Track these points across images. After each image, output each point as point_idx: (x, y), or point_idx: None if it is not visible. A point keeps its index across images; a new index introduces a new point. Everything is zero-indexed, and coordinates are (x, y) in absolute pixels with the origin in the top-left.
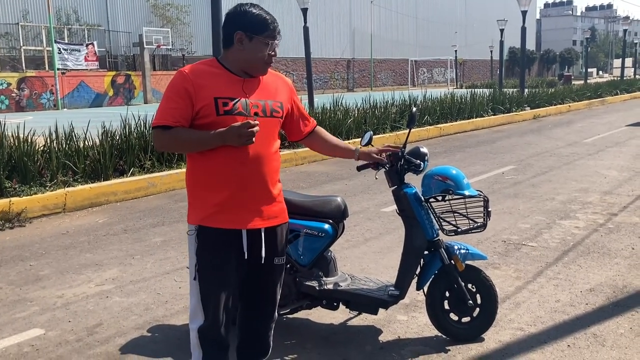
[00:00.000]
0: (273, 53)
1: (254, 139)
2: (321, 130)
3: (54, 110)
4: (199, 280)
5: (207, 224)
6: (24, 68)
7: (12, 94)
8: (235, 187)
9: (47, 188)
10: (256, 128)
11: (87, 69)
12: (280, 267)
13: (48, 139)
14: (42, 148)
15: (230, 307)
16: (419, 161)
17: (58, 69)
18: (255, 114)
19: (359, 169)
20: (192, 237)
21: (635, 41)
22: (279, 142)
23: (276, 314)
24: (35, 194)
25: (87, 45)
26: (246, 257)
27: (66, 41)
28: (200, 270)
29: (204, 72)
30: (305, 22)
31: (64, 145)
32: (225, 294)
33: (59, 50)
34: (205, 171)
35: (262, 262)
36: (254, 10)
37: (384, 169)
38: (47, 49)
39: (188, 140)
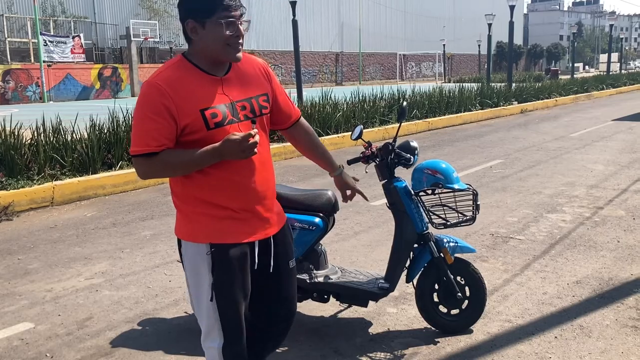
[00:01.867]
0: (233, 33)
1: (256, 149)
2: (306, 124)
3: (40, 102)
4: (217, 300)
5: (220, 240)
6: (9, 60)
7: None
8: (244, 198)
9: (34, 181)
10: (257, 138)
11: (73, 62)
12: (294, 270)
13: (35, 132)
14: (29, 141)
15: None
16: (409, 155)
17: (44, 61)
18: (245, 116)
19: (349, 162)
20: (207, 256)
21: (621, 36)
22: (268, 139)
23: (292, 321)
24: (23, 187)
25: (73, 38)
26: (256, 267)
27: (52, 33)
28: (218, 289)
29: (179, 80)
30: (293, 15)
31: (51, 139)
32: (244, 307)
33: (45, 42)
34: (207, 188)
35: (273, 267)
36: None
37: (374, 163)
38: (33, 40)
39: (180, 164)
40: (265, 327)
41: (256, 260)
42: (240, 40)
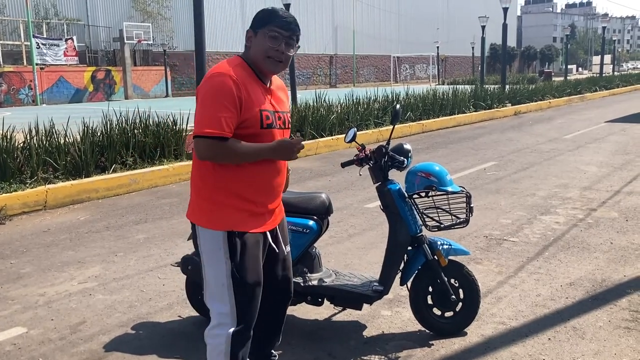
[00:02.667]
0: (276, 47)
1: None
2: None
3: (33, 105)
4: (236, 286)
5: (240, 228)
6: (2, 63)
7: None
8: (267, 195)
9: (27, 185)
10: (303, 144)
11: (66, 64)
12: (290, 255)
13: (28, 135)
14: (21, 144)
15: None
16: (402, 158)
17: (37, 64)
18: (279, 126)
19: (343, 165)
20: (222, 243)
21: (614, 38)
22: None
23: (292, 296)
24: (15, 191)
25: (66, 40)
26: (277, 252)
27: (45, 36)
28: (237, 276)
29: (246, 79)
30: None
31: (44, 142)
32: (259, 296)
33: (38, 45)
34: (239, 178)
35: (277, 252)
36: (268, 8)
37: (368, 166)
38: (25, 43)
39: (242, 152)
40: (269, 319)
41: (273, 248)
42: (282, 58)
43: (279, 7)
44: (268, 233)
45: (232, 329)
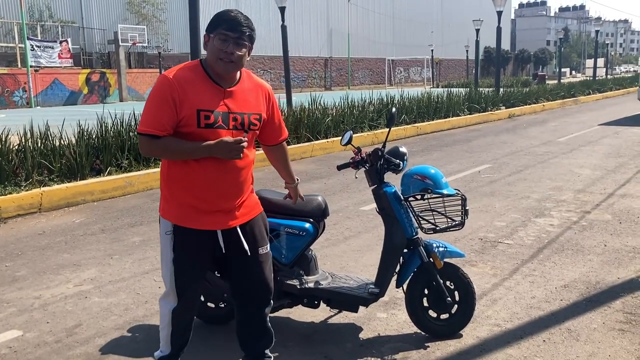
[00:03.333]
0: (224, 49)
1: (242, 154)
2: (285, 145)
3: (27, 108)
4: (175, 274)
5: (183, 224)
6: None
7: None
8: (213, 194)
9: (22, 187)
10: (245, 144)
11: (61, 67)
12: (267, 255)
13: (22, 138)
14: (16, 147)
15: (199, 293)
16: (398, 160)
17: (31, 66)
18: (234, 127)
19: (339, 168)
20: (169, 234)
21: (607, 42)
22: (254, 151)
23: (271, 301)
24: (10, 193)
25: (60, 42)
26: (224, 252)
27: (39, 38)
28: (178, 264)
29: (188, 80)
30: (283, 20)
31: (39, 144)
32: (198, 283)
33: (32, 47)
34: (185, 175)
35: (248, 254)
36: (220, 12)
37: (363, 168)
38: (20, 45)
39: (177, 150)
40: (246, 319)
41: (222, 246)
42: (232, 58)
43: (232, 9)
44: (219, 233)
45: (173, 306)
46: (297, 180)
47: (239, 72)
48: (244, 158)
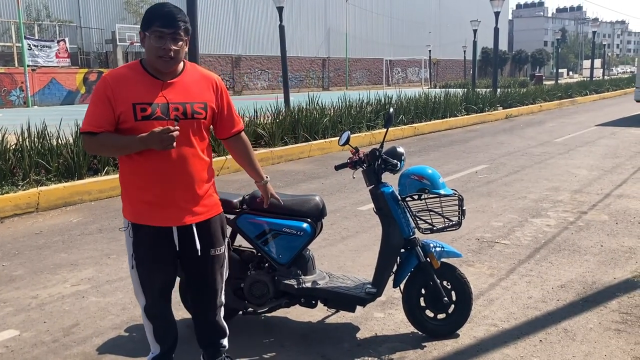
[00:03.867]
0: (161, 46)
1: (174, 143)
2: (245, 138)
3: (24, 107)
4: (137, 269)
5: (139, 221)
6: None
7: None
8: (161, 187)
9: (19, 187)
10: (176, 133)
11: (58, 66)
12: (218, 258)
13: (20, 137)
14: (13, 146)
15: (167, 288)
16: (395, 161)
17: (28, 66)
18: (175, 117)
19: (337, 168)
20: (127, 232)
21: (604, 43)
22: (207, 140)
23: (221, 300)
24: (7, 193)
25: (58, 42)
26: (178, 249)
27: (36, 37)
28: (137, 261)
29: (125, 77)
30: (280, 20)
31: (36, 144)
32: (160, 280)
33: (29, 46)
34: (132, 172)
35: (199, 254)
36: (151, 8)
37: (361, 169)
38: (17, 44)
39: (113, 146)
40: (197, 314)
41: (176, 243)
42: (170, 54)
43: (164, 2)
44: (175, 229)
45: (143, 304)
46: (267, 177)
47: (181, 65)
48: (189, 148)
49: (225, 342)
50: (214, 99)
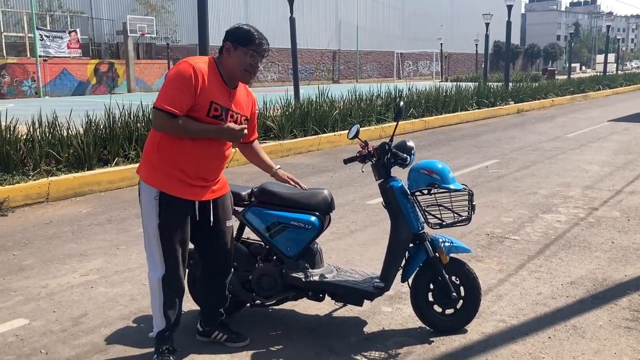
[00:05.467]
0: (254, 64)
1: (243, 138)
2: (257, 144)
3: (36, 97)
4: (160, 237)
5: (170, 192)
6: (5, 54)
7: None
8: (197, 170)
9: (30, 177)
10: (246, 131)
11: (69, 57)
12: (230, 229)
13: (31, 128)
14: (24, 136)
15: (185, 259)
16: (405, 155)
17: (40, 56)
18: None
19: (346, 161)
20: (152, 198)
21: (618, 37)
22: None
23: (232, 269)
24: (18, 182)
25: (69, 33)
26: (197, 219)
27: (48, 28)
28: (162, 229)
29: (207, 74)
30: (291, 12)
31: (47, 134)
32: (183, 249)
33: (41, 37)
34: (176, 149)
35: (213, 224)
36: (246, 27)
37: (370, 162)
38: (29, 35)
39: (189, 130)
40: (211, 279)
41: (197, 214)
42: (256, 71)
43: (253, 28)
44: (197, 203)
45: (161, 274)
46: (277, 166)
47: None
48: (227, 149)
49: (222, 310)
50: (251, 114)
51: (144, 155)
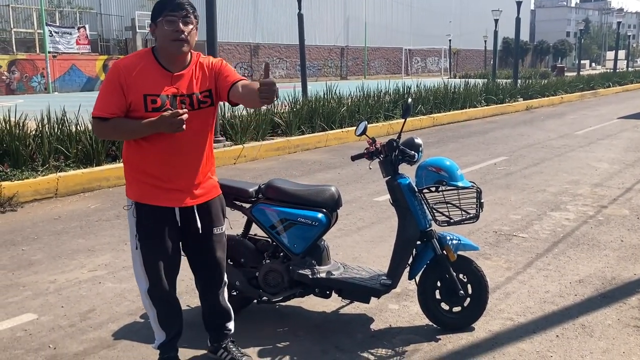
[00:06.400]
0: (175, 28)
1: (184, 126)
2: (245, 83)
3: (45, 93)
4: (140, 249)
5: (143, 201)
6: (15, 50)
7: (3, 77)
8: (165, 171)
9: (39, 173)
10: (185, 116)
11: (78, 53)
12: (221, 236)
13: (40, 123)
14: (33, 132)
15: (171, 269)
16: (413, 152)
17: (49, 52)
18: (184, 108)
19: (353, 158)
20: (130, 211)
21: (628, 34)
22: (212, 127)
23: (225, 279)
24: (27, 178)
25: (78, 29)
26: (180, 226)
27: (57, 24)
28: (141, 241)
29: (136, 66)
30: (299, 8)
31: (56, 130)
32: (165, 259)
33: (50, 33)
34: (137, 154)
35: (200, 232)
36: (159, 0)
37: (378, 159)
38: (38, 31)
39: (123, 130)
40: (204, 293)
41: (178, 221)
42: (182, 36)
43: None
44: (177, 210)
45: (146, 287)
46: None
47: (189, 56)
48: (197, 138)
49: (230, 325)
50: (213, 82)
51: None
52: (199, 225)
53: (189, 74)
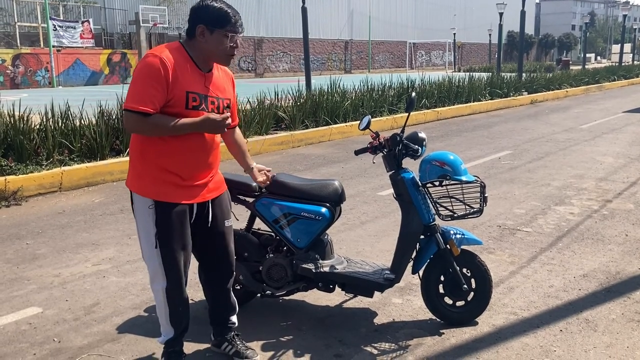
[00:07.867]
0: (234, 45)
1: (226, 128)
2: (238, 131)
3: (49, 87)
4: (160, 249)
5: (164, 199)
6: (19, 44)
7: (7, 71)
8: (189, 169)
9: (43, 167)
10: (229, 120)
11: (82, 47)
12: (230, 229)
13: (44, 117)
14: (38, 126)
15: (187, 267)
16: (417, 146)
17: (53, 46)
18: (212, 110)
19: (357, 152)
20: (145, 208)
21: (634, 27)
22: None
23: (234, 272)
24: (32, 172)
25: (82, 23)
26: (193, 223)
27: (61, 18)
28: (160, 240)
29: (177, 62)
30: (303, 2)
31: (60, 124)
32: (183, 258)
33: (54, 27)
34: (161, 153)
35: (213, 226)
36: (216, 4)
37: (381, 154)
38: (42, 25)
39: (164, 127)
40: (213, 285)
41: (194, 217)
42: (235, 52)
43: (224, 4)
44: (195, 205)
45: (164, 285)
46: (254, 163)
47: None
48: (215, 138)
49: (234, 319)
50: (232, 95)
51: (130, 165)
52: (210, 218)
53: (216, 77)
